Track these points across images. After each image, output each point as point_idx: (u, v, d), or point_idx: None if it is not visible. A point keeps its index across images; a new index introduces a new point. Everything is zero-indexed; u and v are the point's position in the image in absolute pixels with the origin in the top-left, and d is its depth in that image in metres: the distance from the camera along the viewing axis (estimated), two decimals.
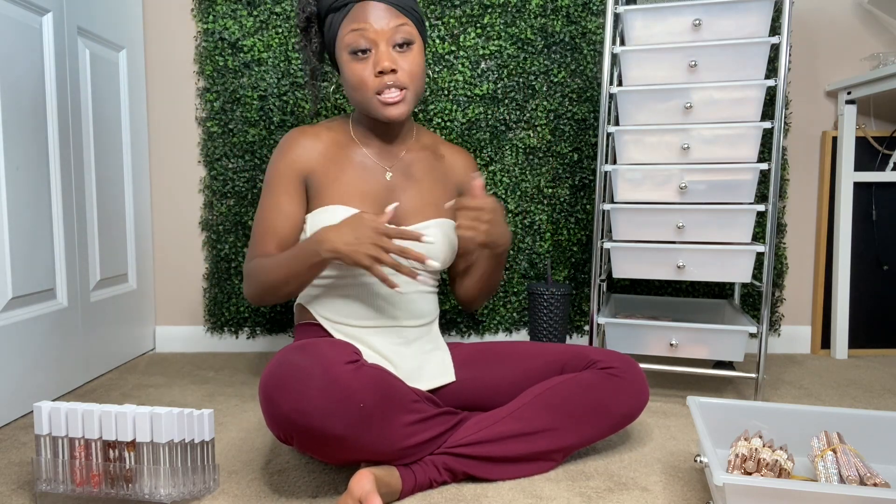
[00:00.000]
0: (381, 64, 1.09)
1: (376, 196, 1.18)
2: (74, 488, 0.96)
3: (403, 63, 1.11)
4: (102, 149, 1.69)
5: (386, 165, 1.21)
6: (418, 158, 1.25)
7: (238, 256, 1.94)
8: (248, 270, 1.16)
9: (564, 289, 1.75)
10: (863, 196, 1.95)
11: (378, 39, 1.10)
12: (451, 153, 1.31)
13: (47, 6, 1.45)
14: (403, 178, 1.22)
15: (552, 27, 1.89)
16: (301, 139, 1.19)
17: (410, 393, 1.00)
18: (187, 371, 1.76)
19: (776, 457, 0.94)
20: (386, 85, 1.10)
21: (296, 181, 1.18)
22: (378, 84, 1.11)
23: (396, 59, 1.11)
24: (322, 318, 1.19)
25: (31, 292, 1.41)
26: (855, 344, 1.99)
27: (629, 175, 1.47)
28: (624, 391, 1.12)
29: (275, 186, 1.18)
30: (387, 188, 1.20)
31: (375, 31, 1.09)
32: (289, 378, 0.90)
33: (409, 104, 1.13)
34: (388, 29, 1.10)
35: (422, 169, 1.24)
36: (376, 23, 1.09)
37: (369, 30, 1.09)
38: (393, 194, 1.20)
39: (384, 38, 1.10)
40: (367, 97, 1.12)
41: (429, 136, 1.31)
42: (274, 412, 0.91)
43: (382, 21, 1.09)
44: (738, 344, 1.41)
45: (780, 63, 1.34)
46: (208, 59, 1.88)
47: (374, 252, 1.01)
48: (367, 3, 1.10)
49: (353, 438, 0.91)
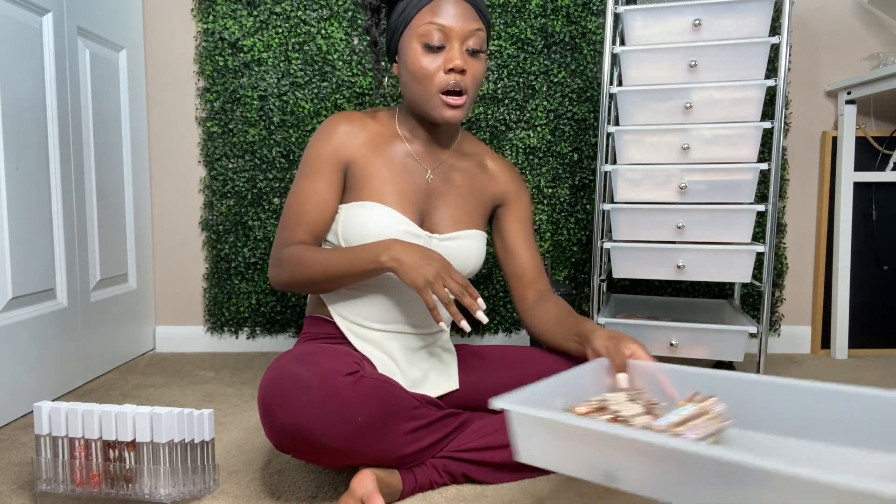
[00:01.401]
0: (453, 61, 1.07)
1: (415, 197, 1.15)
2: (74, 488, 0.96)
3: (472, 67, 1.09)
4: (102, 149, 1.69)
5: (428, 167, 1.18)
6: (461, 165, 1.22)
7: (238, 256, 1.94)
8: (283, 257, 1.10)
9: (564, 289, 1.75)
10: (863, 196, 1.95)
11: (454, 38, 1.07)
12: (495, 164, 1.26)
13: (47, 6, 1.45)
14: (443, 182, 1.19)
15: (552, 27, 1.89)
16: (346, 125, 1.15)
17: (411, 400, 0.98)
18: (187, 371, 1.76)
19: (620, 408, 0.85)
20: (451, 84, 1.08)
21: (336, 168, 1.14)
22: (444, 81, 1.08)
23: (467, 61, 1.09)
24: (338, 316, 1.16)
25: (31, 292, 1.41)
26: (855, 344, 1.99)
27: (629, 175, 1.46)
28: None
29: (314, 170, 1.13)
30: (426, 191, 1.17)
31: (454, 29, 1.07)
32: (287, 389, 0.89)
33: (466, 110, 1.11)
34: (466, 31, 1.07)
35: (462, 176, 1.21)
36: (457, 21, 1.07)
37: (448, 26, 1.07)
38: (430, 198, 1.17)
39: (460, 38, 1.07)
40: (431, 93, 1.09)
41: (474, 144, 1.27)
42: (272, 423, 0.90)
43: (463, 21, 1.07)
44: (738, 344, 1.41)
45: (780, 63, 1.34)
46: (208, 59, 1.88)
47: (434, 280, 0.99)
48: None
49: (352, 450, 0.91)
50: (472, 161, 1.23)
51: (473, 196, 1.21)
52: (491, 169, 1.25)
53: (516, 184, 1.26)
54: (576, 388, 0.90)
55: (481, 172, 1.23)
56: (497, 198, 1.25)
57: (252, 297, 1.95)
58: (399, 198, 1.13)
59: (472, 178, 1.22)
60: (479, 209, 1.22)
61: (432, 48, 1.08)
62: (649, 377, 0.93)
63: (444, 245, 1.15)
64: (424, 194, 1.17)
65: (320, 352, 0.94)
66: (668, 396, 0.90)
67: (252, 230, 1.93)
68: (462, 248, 1.17)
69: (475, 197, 1.22)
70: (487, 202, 1.24)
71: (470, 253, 1.18)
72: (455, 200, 1.19)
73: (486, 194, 1.23)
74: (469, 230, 1.19)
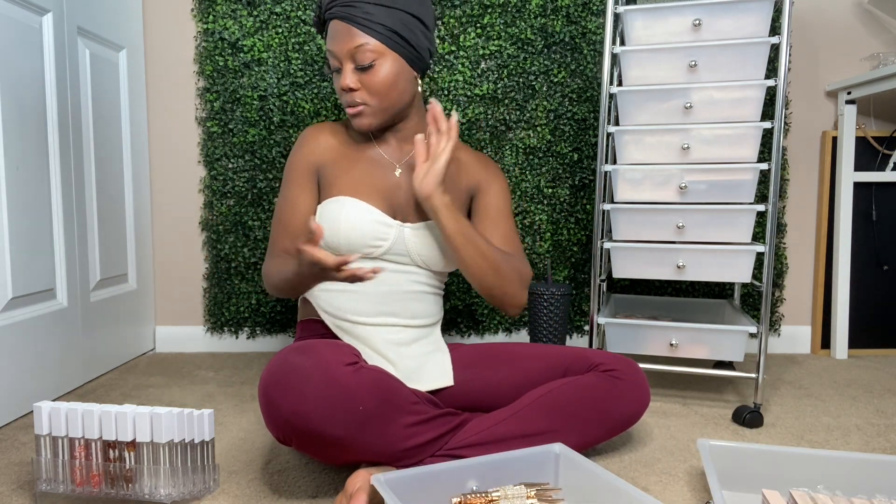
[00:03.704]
0: (344, 82, 1.13)
1: (385, 191, 1.20)
2: (74, 488, 0.96)
3: (365, 81, 1.13)
4: (102, 149, 1.69)
5: (396, 162, 1.22)
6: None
7: (238, 256, 1.94)
8: (265, 272, 1.18)
9: (564, 289, 1.75)
10: (863, 196, 1.95)
11: (342, 59, 1.13)
12: (466, 155, 1.29)
13: (47, 6, 1.45)
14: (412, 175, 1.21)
15: (552, 27, 1.89)
16: (317, 134, 1.22)
17: (411, 395, 0.99)
18: (187, 371, 1.76)
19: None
20: (348, 102, 1.15)
21: (309, 174, 1.20)
22: (345, 100, 1.16)
23: (359, 78, 1.13)
24: (323, 313, 1.19)
25: (31, 292, 1.41)
26: (855, 344, 1.99)
27: (629, 175, 1.46)
28: (626, 394, 1.12)
29: (290, 181, 1.21)
30: (396, 184, 1.21)
31: (337, 52, 1.12)
32: (288, 380, 0.90)
33: (372, 116, 1.15)
34: (347, 50, 1.11)
35: None
36: (338, 45, 1.12)
37: (334, 50, 1.13)
38: (401, 191, 1.21)
39: (346, 58, 1.12)
40: (345, 109, 1.18)
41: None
42: (273, 414, 0.91)
43: (343, 42, 1.11)
44: (738, 344, 1.41)
45: (780, 63, 1.34)
46: (208, 59, 1.88)
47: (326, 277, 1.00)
48: (333, 21, 1.13)
49: (353, 440, 0.91)
50: None
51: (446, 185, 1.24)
52: (463, 161, 1.28)
53: (487, 171, 1.28)
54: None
55: (452, 165, 1.26)
56: (471, 188, 1.28)
57: (252, 297, 1.95)
58: (369, 190, 1.18)
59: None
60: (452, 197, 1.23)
61: (333, 72, 1.17)
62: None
63: (416, 233, 1.19)
64: (395, 188, 1.21)
65: (320, 343, 0.95)
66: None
67: (252, 230, 1.93)
68: (434, 237, 1.19)
69: (448, 186, 1.25)
70: (463, 194, 1.27)
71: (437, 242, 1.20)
72: None
73: (460, 186, 1.26)
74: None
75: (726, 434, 1.31)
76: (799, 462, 1.02)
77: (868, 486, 1.00)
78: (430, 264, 1.21)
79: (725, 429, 1.34)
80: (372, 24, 1.11)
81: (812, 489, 1.01)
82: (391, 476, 0.85)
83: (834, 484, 1.01)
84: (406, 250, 1.18)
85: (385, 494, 0.80)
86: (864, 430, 1.33)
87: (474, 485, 0.92)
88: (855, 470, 1.01)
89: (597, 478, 0.88)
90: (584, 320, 1.99)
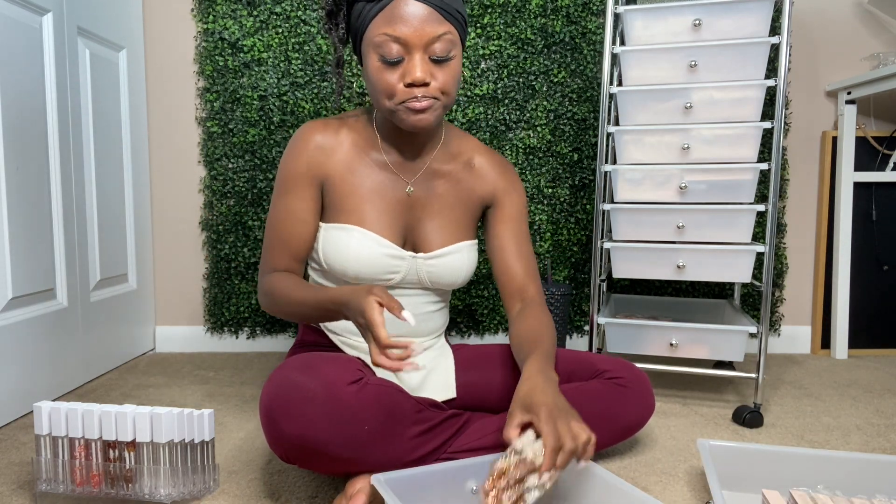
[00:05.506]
0: (412, 75, 0.95)
1: (396, 214, 1.09)
2: (74, 488, 0.96)
3: (439, 74, 0.97)
4: (102, 149, 1.69)
5: (407, 178, 1.11)
6: (445, 168, 1.14)
7: (238, 256, 1.94)
8: (263, 289, 1.07)
9: (564, 289, 1.75)
10: (863, 196, 1.95)
11: (413, 49, 0.95)
12: (483, 159, 1.17)
13: (47, 6, 1.45)
14: (426, 193, 1.12)
15: (552, 27, 1.89)
16: (318, 138, 1.07)
17: (415, 403, 0.98)
18: (187, 371, 1.76)
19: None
20: (415, 96, 0.97)
21: (312, 185, 1.08)
22: (406, 95, 0.97)
23: (432, 71, 0.97)
24: (330, 333, 1.16)
25: (30, 292, 1.41)
26: (855, 344, 1.99)
27: (629, 175, 1.46)
28: (631, 402, 1.11)
29: (288, 189, 1.07)
30: (407, 205, 1.11)
31: (411, 39, 0.94)
32: (291, 400, 0.87)
33: (437, 114, 1.00)
34: (427, 38, 0.94)
35: (446, 183, 1.14)
36: (415, 30, 0.93)
37: (405, 38, 0.94)
38: (413, 211, 1.11)
39: (421, 46, 0.95)
40: (392, 107, 0.99)
41: (462, 141, 1.18)
42: (277, 435, 0.89)
43: (422, 27, 0.93)
44: (738, 344, 1.41)
45: (780, 63, 1.34)
46: (208, 59, 1.88)
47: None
48: (404, 1, 0.94)
49: (358, 458, 0.90)
50: (459, 162, 1.16)
51: (460, 203, 1.15)
52: (478, 167, 1.17)
53: (505, 180, 1.18)
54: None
55: (468, 174, 1.16)
56: (485, 198, 1.18)
57: (252, 297, 1.95)
58: (379, 217, 1.08)
59: (457, 182, 1.15)
60: (466, 216, 1.16)
61: (389, 62, 0.96)
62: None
63: (431, 264, 1.11)
64: (406, 208, 1.11)
65: (323, 360, 0.92)
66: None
67: (252, 230, 1.93)
68: (449, 264, 1.12)
69: (462, 204, 1.15)
70: (476, 205, 1.17)
71: (460, 267, 1.14)
72: (440, 211, 1.13)
73: (473, 197, 1.16)
74: (456, 244, 1.14)
75: (726, 434, 1.31)
76: (799, 462, 1.02)
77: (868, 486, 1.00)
78: (444, 286, 1.15)
79: (725, 429, 1.34)
80: (452, 12, 0.96)
81: (812, 489, 1.01)
82: (391, 476, 0.85)
83: (834, 484, 1.01)
84: (419, 280, 1.12)
85: (385, 494, 0.79)
86: (864, 430, 1.33)
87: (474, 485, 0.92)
88: (855, 470, 1.01)
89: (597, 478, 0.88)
90: (584, 320, 1.99)
